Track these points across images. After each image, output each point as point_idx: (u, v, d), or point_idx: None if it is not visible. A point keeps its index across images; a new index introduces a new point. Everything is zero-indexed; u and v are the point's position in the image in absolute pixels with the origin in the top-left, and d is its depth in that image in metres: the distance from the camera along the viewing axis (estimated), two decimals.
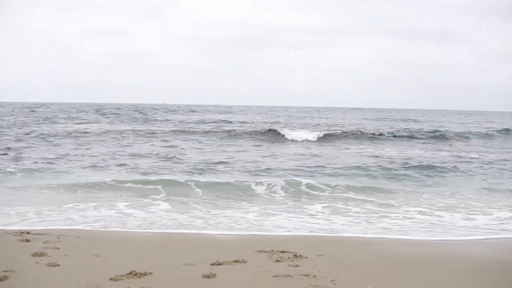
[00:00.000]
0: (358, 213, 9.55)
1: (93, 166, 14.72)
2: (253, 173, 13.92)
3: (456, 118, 63.68)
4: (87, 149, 19.43)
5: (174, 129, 29.94)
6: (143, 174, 13.44)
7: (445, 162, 16.92)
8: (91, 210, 9.24)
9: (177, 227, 8.05)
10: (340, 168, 15.08)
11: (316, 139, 25.70)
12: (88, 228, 7.78)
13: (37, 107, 68.23)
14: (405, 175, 14.04)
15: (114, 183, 11.68)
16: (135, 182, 11.83)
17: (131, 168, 14.53)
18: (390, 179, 13.44)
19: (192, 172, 13.92)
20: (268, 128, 29.79)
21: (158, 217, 8.84)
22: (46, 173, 13.42)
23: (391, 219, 9.02)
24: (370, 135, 27.39)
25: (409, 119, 53.93)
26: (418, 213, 9.50)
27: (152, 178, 12.54)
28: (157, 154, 18.06)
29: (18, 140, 21.99)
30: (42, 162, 15.27)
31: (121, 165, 15.11)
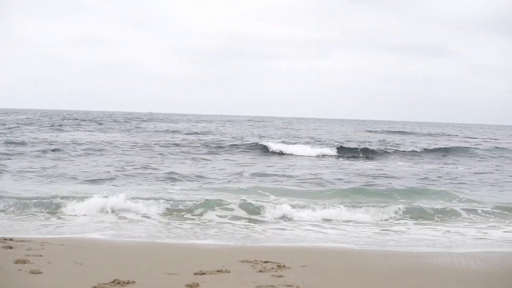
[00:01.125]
0: (342, 224, 9.59)
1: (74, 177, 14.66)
2: (238, 185, 13.92)
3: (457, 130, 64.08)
4: (56, 160, 19.31)
5: (157, 139, 29.77)
6: (129, 183, 13.41)
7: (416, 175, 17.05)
8: (67, 220, 9.21)
9: (161, 236, 8.03)
10: (329, 181, 15.17)
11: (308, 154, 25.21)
12: (71, 236, 7.76)
13: (20, 114, 67.66)
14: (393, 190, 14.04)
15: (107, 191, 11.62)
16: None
17: (120, 177, 14.49)
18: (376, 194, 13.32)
19: (176, 183, 13.89)
20: (256, 142, 29.65)
21: (143, 226, 8.82)
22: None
23: (373, 231, 9.07)
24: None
25: (413, 131, 54.06)
26: (402, 225, 9.56)
27: (136, 188, 12.51)
28: (139, 165, 17.94)
29: None
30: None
31: (112, 177, 15.06)
